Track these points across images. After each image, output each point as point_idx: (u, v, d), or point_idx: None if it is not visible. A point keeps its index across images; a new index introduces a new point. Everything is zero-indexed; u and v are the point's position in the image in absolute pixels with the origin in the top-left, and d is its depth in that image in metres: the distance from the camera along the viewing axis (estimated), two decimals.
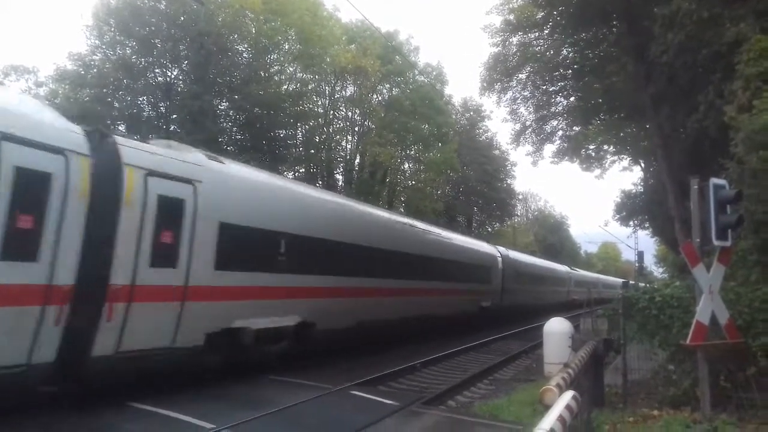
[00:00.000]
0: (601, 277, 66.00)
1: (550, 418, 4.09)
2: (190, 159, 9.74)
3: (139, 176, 8.43)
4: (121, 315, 8.03)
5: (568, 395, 4.86)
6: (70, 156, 7.42)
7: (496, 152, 55.83)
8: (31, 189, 7.02)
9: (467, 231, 45.16)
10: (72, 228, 7.39)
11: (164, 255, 8.79)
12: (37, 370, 7.05)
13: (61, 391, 7.57)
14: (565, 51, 24.67)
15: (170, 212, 8.93)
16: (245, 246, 10.40)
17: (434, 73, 45.17)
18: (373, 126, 40.52)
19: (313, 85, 37.86)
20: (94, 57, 29.88)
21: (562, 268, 45.36)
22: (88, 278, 7.57)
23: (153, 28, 29.74)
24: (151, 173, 8.64)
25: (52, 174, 7.19)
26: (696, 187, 7.92)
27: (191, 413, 7.66)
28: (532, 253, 45.14)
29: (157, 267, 8.63)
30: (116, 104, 29.19)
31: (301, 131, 38.13)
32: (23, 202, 6.90)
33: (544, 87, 26.91)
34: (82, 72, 29.08)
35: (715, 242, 7.69)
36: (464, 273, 22.62)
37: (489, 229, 58.38)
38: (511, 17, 23.44)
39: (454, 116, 49.17)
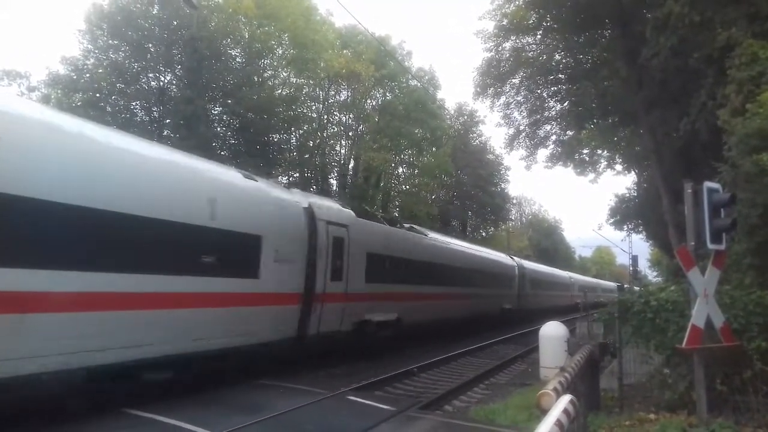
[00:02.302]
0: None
1: (548, 423, 4.07)
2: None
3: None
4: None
5: (566, 399, 4.84)
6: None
7: (490, 156, 55.81)
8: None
9: (462, 236, 45.39)
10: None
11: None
12: None
13: (57, 399, 7.53)
14: (558, 55, 24.73)
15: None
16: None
17: (426, 77, 45.19)
18: (367, 131, 40.51)
19: (307, 89, 37.79)
20: (87, 61, 29.82)
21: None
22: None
23: (146, 33, 29.73)
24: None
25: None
26: (690, 190, 7.91)
27: (187, 419, 7.62)
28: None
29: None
30: (109, 109, 29.09)
31: (295, 136, 38.09)
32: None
33: (538, 91, 26.90)
34: (75, 76, 28.97)
35: (710, 246, 7.67)
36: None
37: (483, 234, 58.43)
38: (504, 22, 23.45)
39: (448, 121, 49.23)
